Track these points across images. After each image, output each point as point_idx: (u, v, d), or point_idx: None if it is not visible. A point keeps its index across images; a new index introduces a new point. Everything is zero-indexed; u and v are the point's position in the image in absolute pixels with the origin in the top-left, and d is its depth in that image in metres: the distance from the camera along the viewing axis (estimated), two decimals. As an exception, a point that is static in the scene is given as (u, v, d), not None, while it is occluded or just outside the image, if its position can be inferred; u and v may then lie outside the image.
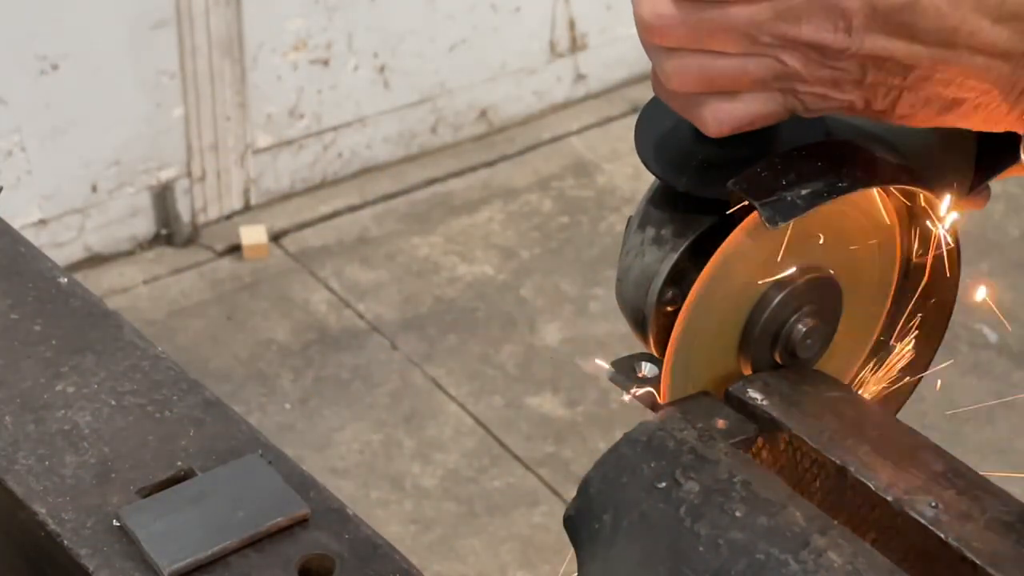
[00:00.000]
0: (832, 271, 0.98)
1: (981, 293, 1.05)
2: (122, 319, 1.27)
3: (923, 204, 0.97)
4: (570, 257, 3.76)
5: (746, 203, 0.88)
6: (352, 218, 3.92)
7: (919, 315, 1.03)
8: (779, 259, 0.94)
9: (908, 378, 1.06)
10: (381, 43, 3.93)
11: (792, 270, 0.95)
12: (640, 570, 0.89)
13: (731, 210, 0.90)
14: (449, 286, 3.68)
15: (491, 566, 2.97)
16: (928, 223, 0.98)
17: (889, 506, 0.90)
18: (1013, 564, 0.85)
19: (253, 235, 3.80)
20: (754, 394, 0.96)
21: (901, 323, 1.03)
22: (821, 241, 0.96)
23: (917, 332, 1.04)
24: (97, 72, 3.50)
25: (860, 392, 1.05)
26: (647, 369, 0.97)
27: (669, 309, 0.93)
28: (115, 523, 1.06)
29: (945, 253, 0.99)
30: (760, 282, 0.95)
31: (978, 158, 1.01)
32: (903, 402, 1.07)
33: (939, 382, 1.08)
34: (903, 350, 1.04)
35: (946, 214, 0.97)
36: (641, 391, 0.97)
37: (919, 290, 1.02)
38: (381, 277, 3.71)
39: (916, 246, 1.01)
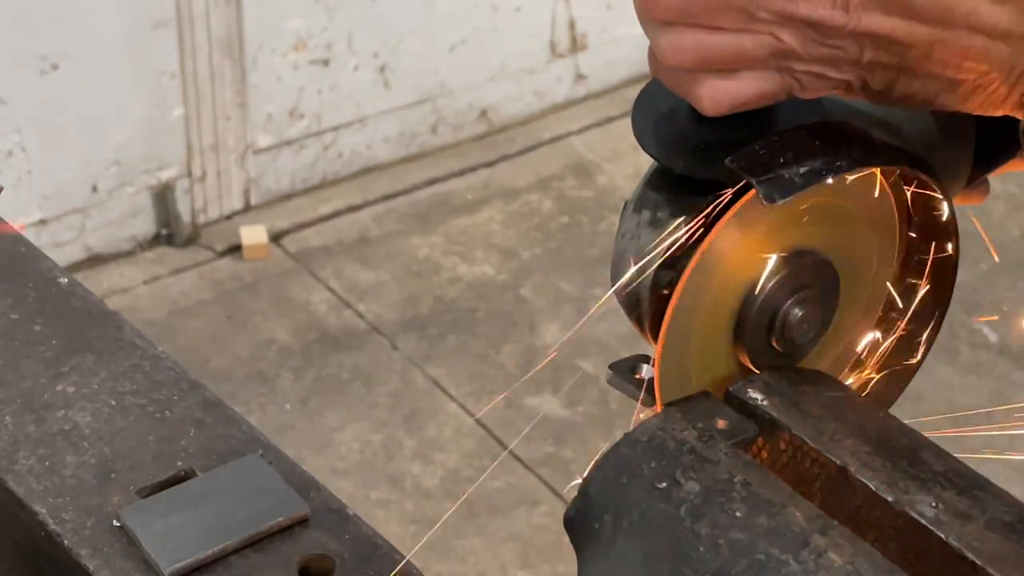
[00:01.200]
0: (829, 254, 0.97)
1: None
2: (122, 319, 1.27)
3: (922, 186, 0.96)
4: (570, 257, 3.76)
5: (744, 183, 0.88)
6: (352, 218, 3.92)
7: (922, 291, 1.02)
8: (775, 242, 0.93)
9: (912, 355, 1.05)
10: (381, 43, 3.93)
11: (788, 253, 0.95)
12: (640, 570, 0.89)
13: (729, 189, 0.89)
14: (449, 286, 3.68)
15: (491, 566, 2.97)
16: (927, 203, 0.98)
17: (889, 506, 0.90)
18: (1013, 564, 0.85)
19: (253, 235, 3.80)
20: (754, 394, 0.96)
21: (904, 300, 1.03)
22: (817, 225, 0.96)
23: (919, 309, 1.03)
24: (97, 72, 3.50)
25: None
26: (645, 371, 0.97)
27: (664, 292, 0.93)
28: (115, 523, 1.06)
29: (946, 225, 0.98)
30: (755, 265, 0.94)
31: (977, 150, 1.01)
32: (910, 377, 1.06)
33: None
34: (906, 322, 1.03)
35: (946, 202, 0.96)
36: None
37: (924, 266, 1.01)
38: (381, 277, 3.71)
39: (915, 226, 1.00)
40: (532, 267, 3.74)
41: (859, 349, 1.05)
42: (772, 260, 0.95)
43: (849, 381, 1.05)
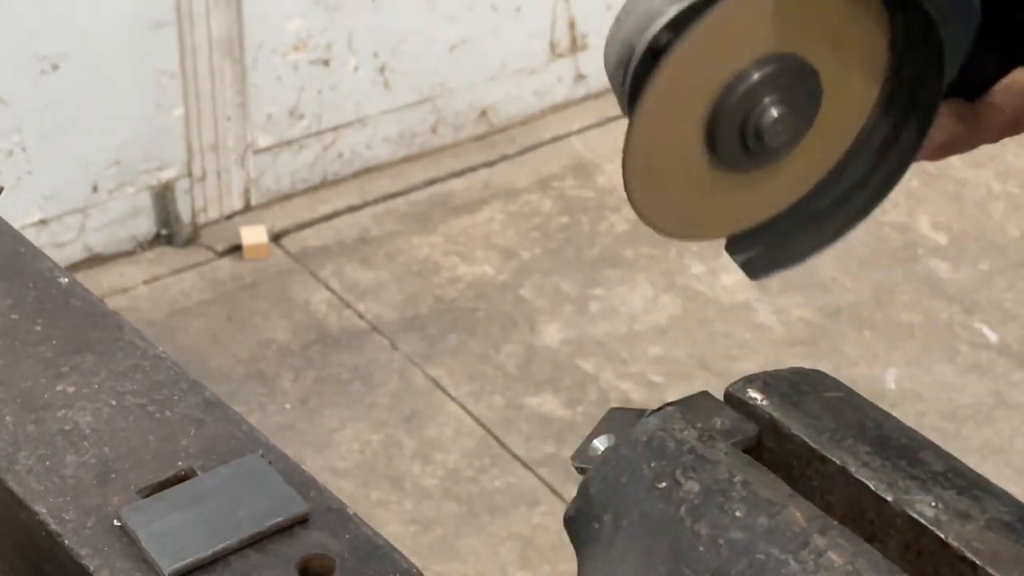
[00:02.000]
0: (818, 65, 0.95)
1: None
2: (122, 319, 1.27)
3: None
4: (570, 257, 3.76)
5: None
6: (352, 218, 3.93)
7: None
8: (768, 35, 0.92)
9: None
10: (381, 43, 3.93)
11: (774, 52, 0.93)
12: (640, 570, 0.89)
13: None
14: (449, 286, 3.68)
15: (491, 566, 2.97)
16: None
17: (889, 506, 0.90)
18: (1013, 564, 0.85)
19: (253, 235, 3.80)
20: (754, 394, 0.96)
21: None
22: (811, 36, 0.94)
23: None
24: (97, 72, 3.50)
25: None
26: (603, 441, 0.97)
27: (660, 52, 0.91)
28: (116, 523, 1.06)
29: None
30: (742, 55, 0.92)
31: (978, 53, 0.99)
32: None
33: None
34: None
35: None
36: None
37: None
38: (381, 277, 3.71)
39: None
40: (532, 267, 3.75)
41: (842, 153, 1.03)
42: (760, 56, 0.93)
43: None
